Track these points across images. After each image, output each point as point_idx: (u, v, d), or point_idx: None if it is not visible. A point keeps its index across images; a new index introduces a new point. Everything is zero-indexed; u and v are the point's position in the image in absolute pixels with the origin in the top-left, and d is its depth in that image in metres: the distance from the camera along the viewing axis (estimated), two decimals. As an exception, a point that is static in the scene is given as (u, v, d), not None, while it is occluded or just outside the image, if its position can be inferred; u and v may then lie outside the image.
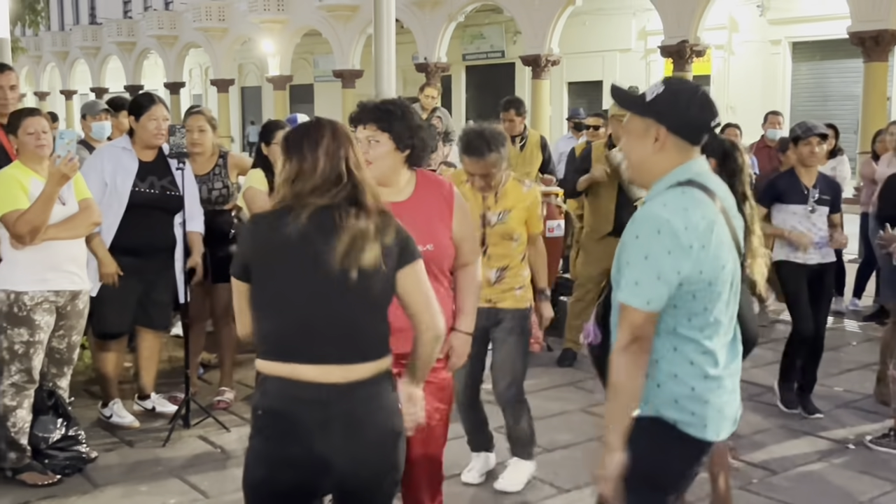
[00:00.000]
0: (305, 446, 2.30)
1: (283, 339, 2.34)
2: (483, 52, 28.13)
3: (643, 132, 2.36)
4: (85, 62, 41.12)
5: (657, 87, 2.37)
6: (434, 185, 3.11)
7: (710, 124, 2.37)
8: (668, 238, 2.21)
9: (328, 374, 2.30)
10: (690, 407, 2.32)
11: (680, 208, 2.24)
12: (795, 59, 21.22)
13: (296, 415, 2.31)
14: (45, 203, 4.04)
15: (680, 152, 2.34)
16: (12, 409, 4.16)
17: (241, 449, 4.68)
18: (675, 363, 2.32)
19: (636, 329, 2.25)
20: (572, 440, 4.85)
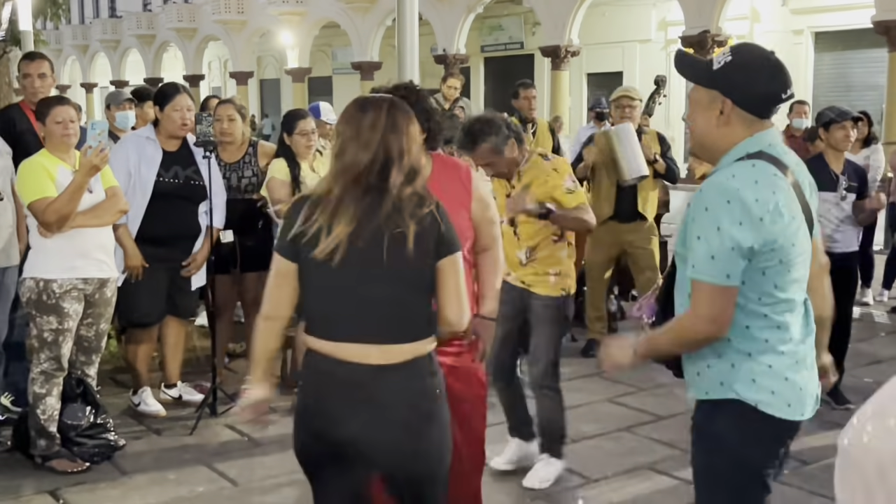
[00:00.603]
0: (333, 423, 2.33)
1: (329, 317, 2.35)
2: (502, 44, 28.02)
3: (708, 104, 2.25)
4: (105, 55, 41.31)
5: (725, 56, 2.23)
6: (451, 168, 3.11)
7: (780, 97, 2.22)
8: (739, 209, 2.11)
9: (367, 355, 2.31)
10: (770, 385, 2.21)
11: (750, 180, 2.14)
12: (818, 50, 21.01)
13: (329, 391, 2.34)
14: (75, 193, 4.05)
15: (747, 126, 2.22)
16: (42, 396, 4.19)
17: (268, 437, 4.70)
18: (748, 341, 2.21)
19: (715, 307, 2.15)
20: (598, 430, 4.82)
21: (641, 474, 4.20)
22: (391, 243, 2.27)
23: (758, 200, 2.12)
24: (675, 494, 4.01)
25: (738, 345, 2.22)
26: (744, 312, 2.20)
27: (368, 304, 2.31)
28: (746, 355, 2.22)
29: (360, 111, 2.38)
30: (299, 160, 5.09)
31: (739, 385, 2.22)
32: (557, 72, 21.49)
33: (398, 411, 2.33)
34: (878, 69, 17.67)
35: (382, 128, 2.33)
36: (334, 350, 2.33)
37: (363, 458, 2.37)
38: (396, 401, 2.33)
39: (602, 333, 6.40)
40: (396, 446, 2.36)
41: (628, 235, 6.22)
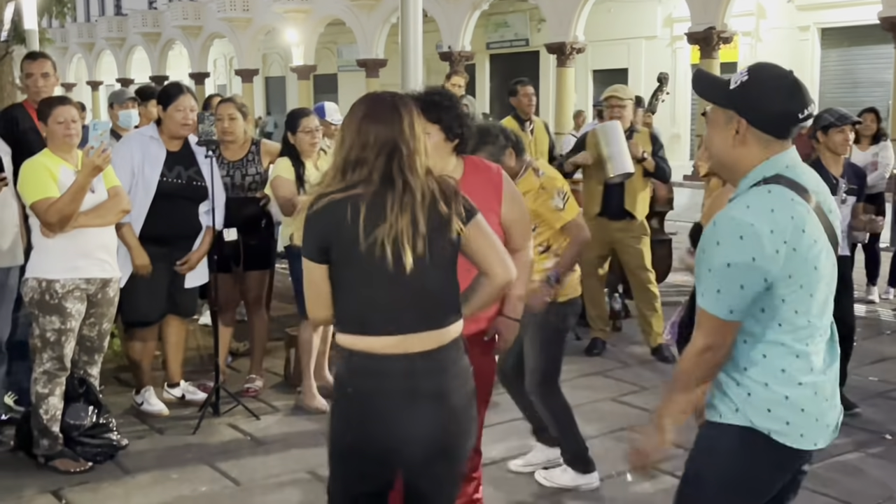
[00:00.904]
0: (397, 420, 2.33)
1: (369, 313, 2.35)
2: (507, 41, 28.00)
3: (724, 124, 2.19)
4: (111, 53, 41.40)
5: (742, 75, 2.19)
6: (482, 170, 3.14)
7: (797, 117, 2.16)
8: (753, 244, 2.06)
9: (410, 345, 2.33)
10: (785, 416, 2.17)
11: (766, 210, 2.08)
12: (824, 46, 20.95)
13: (384, 388, 2.33)
14: (77, 193, 4.05)
15: (763, 147, 2.17)
16: (44, 396, 4.19)
17: (271, 436, 4.71)
18: (765, 371, 2.17)
19: (714, 337, 2.15)
20: (602, 430, 4.81)
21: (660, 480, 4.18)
22: (430, 232, 2.31)
23: (773, 232, 2.07)
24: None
25: (755, 374, 2.18)
26: (762, 341, 2.18)
27: (407, 295, 2.33)
28: (763, 385, 2.18)
29: (372, 107, 2.39)
30: (304, 159, 5.09)
31: (754, 413, 2.19)
32: (563, 69, 21.46)
33: (456, 395, 2.39)
34: (885, 65, 17.62)
35: (399, 121, 2.35)
36: (379, 346, 2.34)
37: (422, 448, 2.37)
38: (452, 384, 2.38)
39: (604, 331, 6.39)
40: (456, 429, 2.41)
41: (617, 233, 6.22)
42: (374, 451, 2.38)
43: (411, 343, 2.33)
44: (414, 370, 2.33)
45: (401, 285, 2.31)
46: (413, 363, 2.33)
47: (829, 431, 2.26)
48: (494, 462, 4.26)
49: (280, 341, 5.95)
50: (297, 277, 5.15)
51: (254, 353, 5.55)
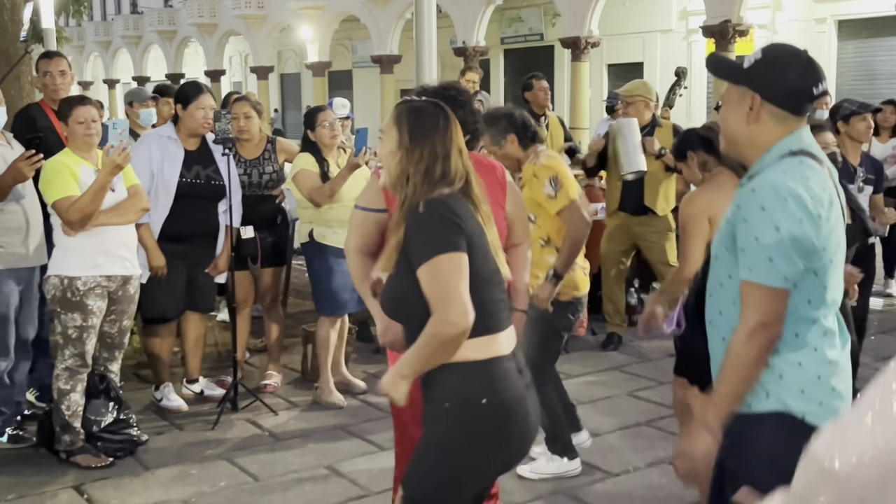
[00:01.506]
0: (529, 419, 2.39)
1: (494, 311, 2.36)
2: (521, 36, 27.92)
3: (737, 101, 2.21)
4: (127, 51, 41.59)
5: (756, 54, 2.20)
6: (487, 168, 3.16)
7: (811, 91, 2.16)
8: (797, 206, 2.04)
9: (512, 339, 2.40)
10: (818, 396, 2.12)
11: (803, 177, 2.08)
12: (841, 38, 20.77)
13: (516, 390, 2.35)
14: (98, 192, 4.09)
15: (778, 123, 2.17)
16: (66, 392, 4.24)
17: (289, 432, 4.74)
18: (798, 350, 2.13)
19: (770, 312, 2.06)
20: (619, 424, 4.82)
21: (662, 468, 4.19)
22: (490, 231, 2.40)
23: (813, 198, 2.07)
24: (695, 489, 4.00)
25: (788, 354, 2.13)
26: (794, 318, 2.12)
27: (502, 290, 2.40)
28: (797, 365, 2.12)
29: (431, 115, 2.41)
30: (325, 155, 5.10)
31: (788, 396, 2.12)
32: (577, 63, 21.37)
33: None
34: (903, 57, 17.46)
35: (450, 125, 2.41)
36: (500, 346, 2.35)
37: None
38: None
39: (621, 326, 6.39)
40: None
41: (638, 228, 6.21)
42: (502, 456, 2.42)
43: (511, 337, 2.41)
44: (520, 366, 2.41)
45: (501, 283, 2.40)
46: (517, 359, 2.41)
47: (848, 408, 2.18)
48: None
49: (297, 338, 5.99)
50: (315, 274, 5.18)
51: (271, 350, 5.59)
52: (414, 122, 2.37)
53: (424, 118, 2.38)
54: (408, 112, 2.40)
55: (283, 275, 5.80)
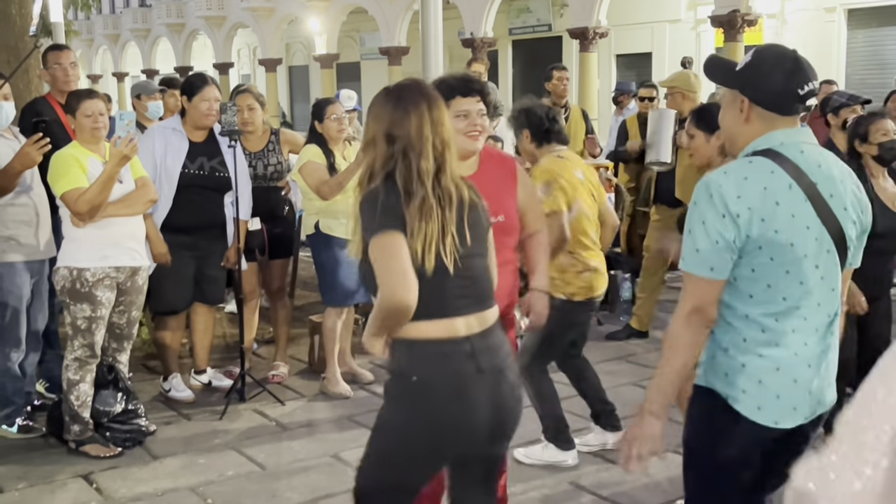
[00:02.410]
0: (465, 403, 2.36)
1: (437, 297, 2.35)
2: (529, 26, 27.83)
3: (731, 103, 2.31)
4: (136, 44, 41.66)
5: (747, 57, 2.29)
6: (497, 158, 3.20)
7: (797, 93, 2.23)
8: (719, 202, 2.15)
9: (470, 326, 2.39)
10: (741, 384, 2.22)
11: (739, 176, 2.17)
12: (851, 27, 20.64)
13: (452, 372, 2.36)
14: (106, 183, 4.13)
15: (766, 124, 2.25)
16: (75, 382, 4.28)
17: (296, 422, 4.77)
18: (727, 337, 2.25)
19: (699, 298, 2.19)
20: (623, 414, 4.82)
21: (667, 457, 4.20)
22: (466, 223, 2.38)
23: (740, 197, 2.14)
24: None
25: (718, 337, 2.27)
26: (730, 310, 2.24)
27: (473, 280, 2.41)
28: (723, 350, 2.26)
29: (408, 99, 2.37)
30: (332, 147, 5.11)
31: (714, 376, 2.28)
32: (586, 54, 21.31)
33: (510, 373, 2.46)
34: (914, 46, 17.35)
35: (436, 113, 2.37)
36: (446, 329, 2.36)
37: (488, 430, 2.41)
38: (505, 363, 2.45)
39: (645, 325, 6.28)
40: (515, 406, 2.48)
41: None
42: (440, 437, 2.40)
43: (471, 324, 2.39)
44: (474, 351, 2.37)
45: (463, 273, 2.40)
46: (473, 344, 2.38)
47: (798, 415, 2.24)
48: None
49: (304, 329, 6.02)
50: (321, 265, 5.21)
51: (278, 341, 5.62)
52: (377, 108, 2.41)
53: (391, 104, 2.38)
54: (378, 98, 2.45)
55: (290, 266, 5.83)
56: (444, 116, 2.38)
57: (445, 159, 2.36)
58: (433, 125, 2.34)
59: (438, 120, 2.36)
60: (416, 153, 2.32)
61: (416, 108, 2.34)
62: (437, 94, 2.44)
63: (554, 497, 3.91)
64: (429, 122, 2.34)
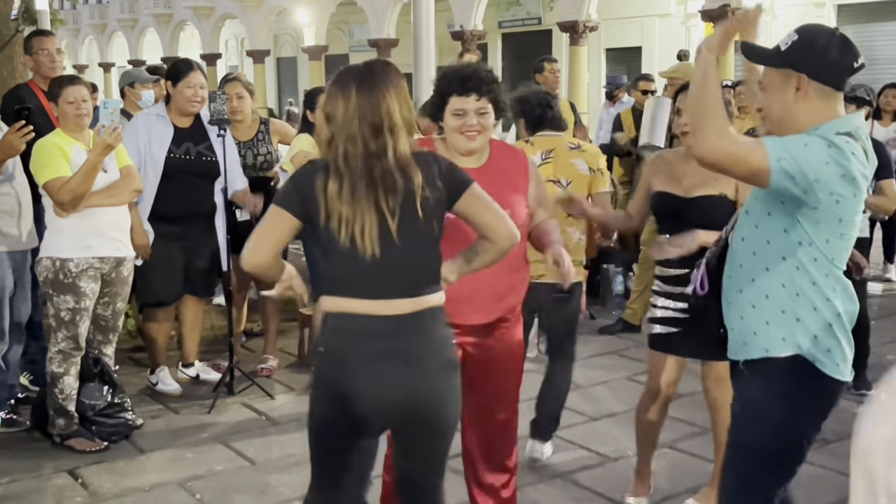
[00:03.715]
0: (366, 379, 2.35)
1: (348, 276, 2.38)
2: (519, 20, 27.77)
3: (781, 84, 2.30)
4: (122, 34, 41.34)
5: (791, 36, 2.31)
6: (508, 153, 3.13)
7: (853, 66, 2.29)
8: (834, 154, 2.18)
9: (390, 307, 2.35)
10: (827, 344, 2.29)
11: (848, 150, 2.21)
12: (840, 22, 20.66)
13: (355, 346, 2.37)
14: (89, 172, 4.04)
15: (825, 100, 2.28)
16: (60, 375, 4.20)
17: (286, 416, 4.71)
18: (815, 296, 2.29)
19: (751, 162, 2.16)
20: (617, 409, 4.79)
21: (661, 453, 4.16)
22: (401, 207, 2.31)
23: (850, 161, 2.20)
24: (694, 473, 3.98)
25: (805, 300, 2.29)
26: (813, 269, 2.28)
27: (385, 261, 2.34)
28: (812, 309, 2.29)
29: (342, 82, 2.36)
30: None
31: (803, 339, 2.29)
32: (576, 47, 21.26)
33: (429, 360, 2.39)
34: (903, 42, 17.39)
35: (365, 95, 2.32)
36: (356, 307, 2.36)
37: (394, 411, 2.40)
38: (425, 350, 2.39)
39: (637, 318, 6.23)
40: (429, 394, 2.41)
41: None
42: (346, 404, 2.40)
43: (391, 306, 2.36)
44: (388, 332, 2.36)
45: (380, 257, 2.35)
46: (389, 325, 2.36)
47: (851, 370, 2.37)
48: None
49: (294, 322, 5.95)
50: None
51: (267, 334, 5.55)
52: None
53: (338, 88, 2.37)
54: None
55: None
56: (385, 98, 2.31)
57: (385, 143, 2.31)
58: (363, 107, 2.31)
59: (374, 102, 2.31)
60: (342, 135, 2.33)
61: (343, 90, 2.34)
62: (386, 75, 2.35)
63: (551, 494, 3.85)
64: (355, 104, 2.31)
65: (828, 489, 3.74)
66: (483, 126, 2.93)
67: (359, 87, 2.32)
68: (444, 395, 2.44)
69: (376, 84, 2.34)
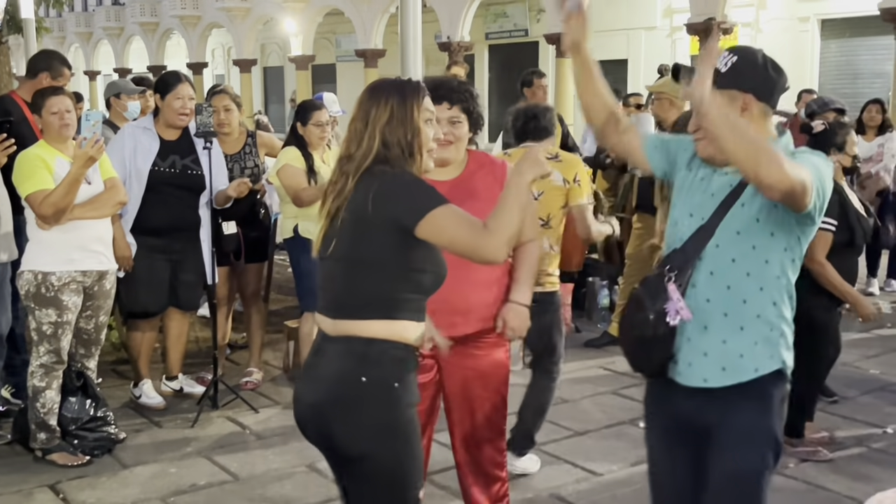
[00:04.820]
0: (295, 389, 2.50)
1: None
2: (506, 31, 27.86)
3: (727, 105, 2.25)
4: (108, 43, 41.21)
5: (728, 57, 2.32)
6: (486, 164, 3.09)
7: (785, 85, 2.35)
8: (826, 171, 2.27)
9: (322, 322, 2.40)
10: (790, 351, 2.38)
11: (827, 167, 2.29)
12: (824, 37, 20.84)
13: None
14: (71, 185, 4.00)
15: (765, 118, 2.32)
16: (41, 389, 4.15)
17: (270, 430, 4.68)
18: (788, 310, 2.36)
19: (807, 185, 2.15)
20: (603, 423, 4.78)
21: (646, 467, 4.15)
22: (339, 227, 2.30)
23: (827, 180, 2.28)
24: None
25: (787, 313, 2.35)
26: (792, 279, 2.36)
27: (321, 280, 2.39)
28: (790, 324, 2.37)
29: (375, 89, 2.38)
30: (311, 150, 5.04)
31: (786, 353, 2.37)
32: (562, 59, 21.31)
33: (321, 382, 2.35)
34: (886, 56, 17.54)
35: (352, 118, 2.35)
36: (318, 318, 2.43)
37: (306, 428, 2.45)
38: (324, 373, 2.35)
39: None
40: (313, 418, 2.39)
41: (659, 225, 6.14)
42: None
43: (324, 322, 2.39)
44: (315, 348, 2.41)
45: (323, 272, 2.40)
46: (319, 341, 2.41)
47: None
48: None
49: (280, 334, 5.92)
50: (300, 270, 5.12)
51: (252, 346, 5.52)
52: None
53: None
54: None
55: (265, 270, 5.73)
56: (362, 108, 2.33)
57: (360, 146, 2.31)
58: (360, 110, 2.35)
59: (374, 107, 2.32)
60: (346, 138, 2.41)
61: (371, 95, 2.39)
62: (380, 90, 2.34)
63: (533, 508, 3.84)
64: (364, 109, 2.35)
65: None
66: (455, 136, 2.91)
67: (365, 92, 2.38)
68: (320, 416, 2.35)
69: (379, 91, 2.35)
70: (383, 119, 2.29)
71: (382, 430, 2.31)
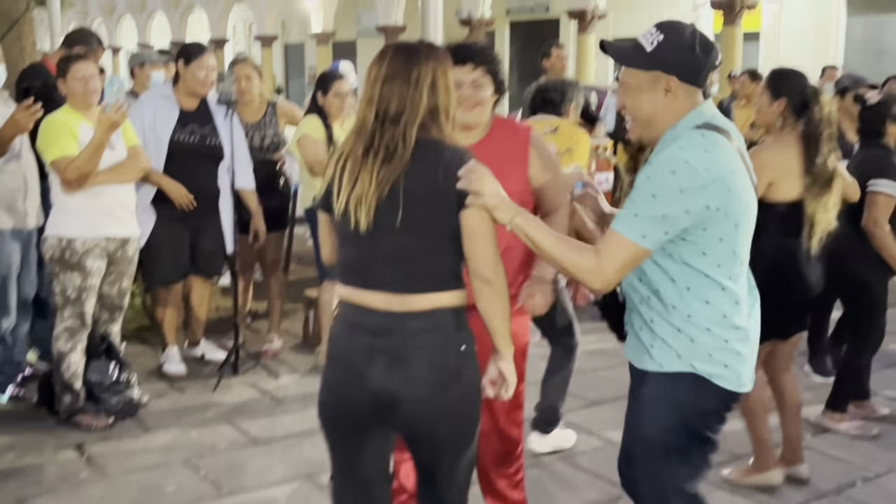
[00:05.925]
0: (355, 373, 2.28)
1: (352, 266, 2.32)
2: (527, 7, 27.65)
3: (651, 85, 2.26)
4: (131, 17, 41.30)
5: (655, 35, 2.26)
6: (510, 129, 3.03)
7: (715, 64, 2.29)
8: (684, 177, 2.13)
9: (387, 302, 2.25)
10: (724, 359, 2.29)
11: (700, 149, 2.17)
12: (850, 13, 20.55)
13: (353, 340, 2.30)
14: (95, 150, 4.06)
15: (689, 98, 2.27)
16: (66, 352, 4.23)
17: (290, 395, 4.74)
18: (709, 317, 2.27)
19: (619, 262, 2.16)
20: (618, 393, 4.78)
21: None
22: (403, 197, 2.18)
23: (706, 169, 2.15)
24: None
25: (699, 320, 2.27)
26: (704, 284, 2.25)
27: (382, 255, 2.25)
28: (706, 330, 2.27)
29: (375, 61, 2.29)
30: (331, 121, 5.06)
31: (696, 359, 2.29)
32: (584, 35, 21.20)
33: (419, 364, 2.24)
34: (913, 33, 17.30)
35: (382, 78, 2.24)
36: (358, 297, 2.29)
37: (384, 412, 2.29)
38: (416, 354, 2.25)
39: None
40: (417, 401, 2.26)
41: None
42: (337, 395, 2.34)
43: (389, 301, 2.25)
44: (379, 330, 2.25)
45: (376, 247, 2.25)
46: (387, 320, 2.25)
47: (753, 375, 2.38)
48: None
49: (299, 303, 5.97)
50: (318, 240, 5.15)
51: (272, 314, 5.58)
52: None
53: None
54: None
55: (285, 240, 5.78)
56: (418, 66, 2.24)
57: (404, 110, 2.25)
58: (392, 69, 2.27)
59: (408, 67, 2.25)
60: (363, 100, 2.32)
61: (380, 56, 2.31)
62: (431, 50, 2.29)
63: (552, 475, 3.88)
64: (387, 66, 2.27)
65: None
66: (479, 99, 2.86)
67: (395, 53, 2.27)
68: (422, 401, 2.27)
69: (415, 53, 2.26)
70: (427, 81, 2.23)
71: (478, 393, 2.37)
